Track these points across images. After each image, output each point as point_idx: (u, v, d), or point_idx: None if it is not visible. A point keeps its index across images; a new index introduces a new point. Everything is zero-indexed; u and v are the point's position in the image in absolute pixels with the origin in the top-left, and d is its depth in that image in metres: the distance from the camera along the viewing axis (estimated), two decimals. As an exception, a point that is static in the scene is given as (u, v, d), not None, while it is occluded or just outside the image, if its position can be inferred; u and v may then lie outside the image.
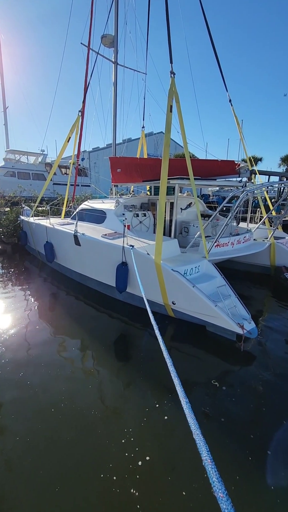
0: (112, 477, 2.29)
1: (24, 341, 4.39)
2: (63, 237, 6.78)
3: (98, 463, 2.42)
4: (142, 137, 10.26)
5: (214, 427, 2.83)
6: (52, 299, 6.31)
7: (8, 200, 13.98)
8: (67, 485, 2.24)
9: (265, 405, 3.17)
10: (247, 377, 3.68)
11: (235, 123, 8.04)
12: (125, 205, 7.09)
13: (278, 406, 3.15)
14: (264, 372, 3.72)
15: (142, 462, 2.42)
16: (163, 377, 3.46)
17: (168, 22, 5.17)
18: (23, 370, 3.67)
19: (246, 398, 3.26)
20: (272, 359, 4.07)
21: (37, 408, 3.04)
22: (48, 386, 3.37)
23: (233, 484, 2.28)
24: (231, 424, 2.89)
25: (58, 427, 2.79)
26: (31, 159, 23.06)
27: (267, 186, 5.77)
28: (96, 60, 8.27)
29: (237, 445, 2.64)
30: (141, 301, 5.25)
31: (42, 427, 2.79)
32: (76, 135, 8.47)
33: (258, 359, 4.03)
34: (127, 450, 2.52)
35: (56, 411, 2.98)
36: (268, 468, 2.44)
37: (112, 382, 3.55)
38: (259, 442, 2.68)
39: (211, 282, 4.84)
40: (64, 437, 2.68)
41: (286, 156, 26.67)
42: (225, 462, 2.45)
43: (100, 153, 29.40)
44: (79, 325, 5.04)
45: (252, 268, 7.72)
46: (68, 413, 2.96)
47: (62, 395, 3.20)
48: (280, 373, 3.72)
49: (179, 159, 6.74)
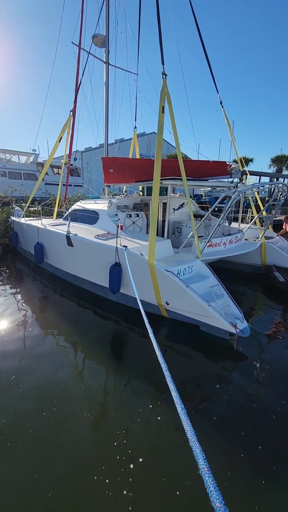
0: (105, 479, 2.28)
1: (16, 343, 4.33)
2: (55, 238, 6.71)
3: (91, 466, 2.41)
4: (134, 138, 10.26)
5: (206, 425, 2.86)
6: (44, 300, 6.24)
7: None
8: (60, 489, 2.22)
9: (256, 402, 3.22)
10: (239, 375, 3.73)
11: (225, 126, 8.12)
12: (118, 205, 7.08)
13: (269, 402, 3.21)
14: (255, 370, 3.79)
15: (135, 464, 2.42)
16: (157, 377, 3.47)
17: (159, 23, 5.19)
18: (15, 372, 3.62)
19: (238, 396, 3.31)
20: (263, 357, 4.13)
21: (28, 412, 3.00)
22: (39, 389, 3.33)
23: (225, 480, 2.31)
24: (223, 421, 2.93)
25: (49, 431, 2.76)
26: (23, 159, 22.76)
27: (258, 186, 5.86)
28: (87, 60, 8.24)
29: (228, 442, 2.69)
30: (134, 302, 5.25)
31: (34, 431, 2.76)
32: (67, 135, 8.41)
33: (250, 357, 4.08)
34: (120, 452, 2.52)
35: (47, 414, 2.95)
36: (259, 463, 2.49)
37: (106, 384, 3.54)
38: (250, 438, 2.72)
39: (204, 282, 4.89)
40: (56, 440, 2.66)
41: (276, 157, 27.16)
42: (217, 459, 2.48)
43: (93, 153, 29.24)
44: (71, 326, 5.00)
45: (244, 267, 7.82)
46: (60, 416, 2.94)
47: (54, 398, 3.18)
48: (271, 371, 3.79)
49: (171, 160, 6.77)
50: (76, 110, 8.30)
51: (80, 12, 8.03)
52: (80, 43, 8.10)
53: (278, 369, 3.82)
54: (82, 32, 8.02)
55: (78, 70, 8.12)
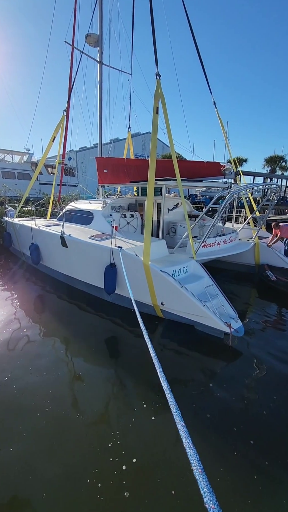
0: (99, 482, 2.27)
1: (10, 343, 4.29)
2: (50, 238, 6.66)
3: (85, 468, 2.39)
4: (128, 138, 10.24)
5: (199, 423, 2.89)
6: (38, 301, 6.20)
7: (-8, 200, 13.60)
8: (53, 493, 2.21)
9: (248, 399, 3.27)
10: (233, 373, 3.79)
11: (219, 127, 8.17)
12: (113, 206, 7.06)
13: (261, 399, 3.27)
14: (248, 368, 3.85)
15: (129, 464, 2.42)
16: (151, 377, 3.48)
17: (153, 24, 5.19)
18: (8, 373, 3.59)
19: (231, 393, 3.35)
20: (256, 355, 4.19)
21: (21, 413, 2.98)
22: (33, 390, 3.31)
23: (218, 476, 2.34)
24: (216, 418, 2.96)
25: (43, 432, 2.75)
26: (16, 158, 22.53)
27: (251, 187, 5.92)
28: (81, 59, 8.18)
29: (221, 439, 2.72)
30: (129, 303, 5.25)
31: (26, 432, 2.74)
32: (61, 135, 8.34)
33: (244, 355, 4.14)
34: (114, 453, 2.51)
35: (41, 416, 2.93)
36: (251, 457, 2.53)
37: (100, 384, 3.53)
38: (242, 434, 2.78)
39: (199, 282, 4.92)
40: (49, 442, 2.64)
41: (270, 158, 27.47)
42: (209, 456, 2.51)
43: (88, 153, 29.09)
44: (66, 326, 4.98)
45: (238, 267, 7.89)
46: (54, 417, 2.92)
47: (48, 399, 3.16)
48: (264, 368, 3.86)
49: (166, 160, 6.79)
50: (69, 109, 8.24)
51: (73, 11, 7.98)
52: (73, 42, 8.04)
53: (271, 366, 3.89)
54: (75, 31, 7.97)
55: (72, 69, 8.06)
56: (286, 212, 20.77)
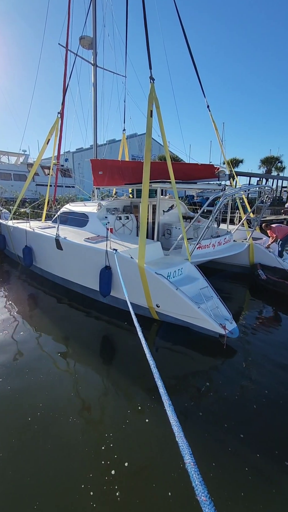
0: (92, 487, 2.27)
1: (4, 344, 4.29)
2: (44, 241, 6.66)
3: (78, 472, 2.39)
4: (123, 140, 10.26)
5: (192, 420, 2.94)
6: (33, 302, 6.19)
7: (-13, 202, 13.56)
8: (45, 499, 2.19)
9: (240, 395, 3.33)
10: (226, 370, 3.86)
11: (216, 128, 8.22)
12: (108, 208, 7.07)
13: (252, 395, 3.35)
14: (242, 366, 3.92)
15: (122, 468, 2.42)
16: (146, 378, 3.51)
17: (146, 27, 5.22)
18: (2, 374, 3.59)
19: (223, 390, 3.41)
20: (249, 353, 4.25)
21: (15, 414, 2.99)
22: (27, 391, 3.32)
23: (210, 471, 2.39)
24: (209, 415, 3.02)
25: (35, 434, 2.74)
26: (13, 160, 22.46)
27: (245, 189, 5.97)
28: (75, 61, 8.19)
29: (213, 434, 2.78)
30: (125, 304, 5.24)
31: (17, 437, 2.73)
32: (55, 137, 8.34)
33: (238, 353, 4.21)
34: (107, 457, 2.52)
35: (33, 418, 2.93)
36: (242, 452, 2.60)
37: (95, 386, 3.54)
38: (233, 429, 2.85)
39: (193, 284, 4.94)
40: (42, 446, 2.64)
41: (265, 158, 27.65)
42: (201, 452, 2.57)
43: (84, 154, 29.06)
44: (61, 327, 4.98)
45: (233, 268, 7.95)
46: (47, 419, 2.92)
47: (41, 402, 3.16)
48: (256, 365, 3.95)
49: (160, 163, 6.82)
50: (64, 112, 8.24)
51: (67, 13, 7.98)
52: (67, 44, 8.05)
53: (263, 364, 3.97)
54: (69, 34, 7.98)
55: (66, 71, 8.07)
56: (282, 212, 20.93)
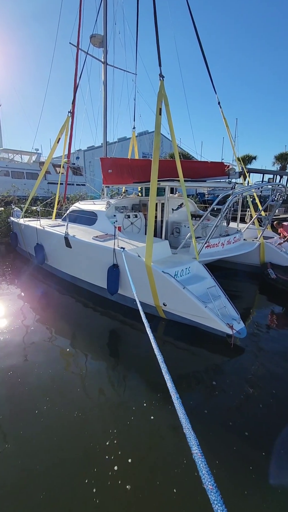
0: (95, 482, 2.30)
1: (15, 339, 4.42)
2: (54, 239, 6.78)
3: (83, 467, 2.44)
4: (133, 138, 10.24)
5: (197, 418, 2.94)
6: (43, 298, 6.34)
7: (1, 200, 13.92)
8: (50, 491, 2.24)
9: (247, 395, 3.31)
10: (233, 369, 3.84)
11: (228, 124, 8.08)
12: (116, 206, 7.11)
13: (260, 395, 3.32)
14: (249, 365, 3.90)
15: (127, 464, 2.46)
16: (153, 375, 3.55)
17: (156, 25, 5.17)
18: (13, 367, 3.71)
19: (229, 388, 3.41)
20: (257, 352, 4.21)
21: (22, 408, 3.07)
22: (36, 384, 3.41)
23: (213, 468, 2.40)
24: (214, 413, 3.03)
25: (41, 429, 2.81)
26: (25, 158, 22.89)
27: (256, 187, 5.84)
28: (85, 60, 8.23)
29: (218, 432, 2.79)
30: (132, 302, 5.30)
31: (25, 428, 2.81)
32: (66, 136, 8.44)
33: (246, 352, 4.18)
34: (111, 452, 2.55)
35: (40, 412, 3.01)
36: (246, 450, 2.60)
37: (102, 382, 3.60)
38: (238, 427, 2.85)
39: (201, 283, 4.91)
40: (48, 439, 2.71)
41: (280, 155, 26.80)
42: (206, 449, 2.56)
43: (95, 152, 29.25)
44: (69, 323, 5.08)
45: (243, 267, 7.82)
46: (52, 414, 2.99)
47: (47, 396, 3.24)
48: (264, 364, 3.91)
49: (170, 161, 6.77)
50: (74, 110, 8.31)
51: (78, 12, 8.02)
52: (78, 43, 8.11)
53: (270, 364, 3.94)
54: (80, 32, 8.02)
55: (76, 70, 8.12)
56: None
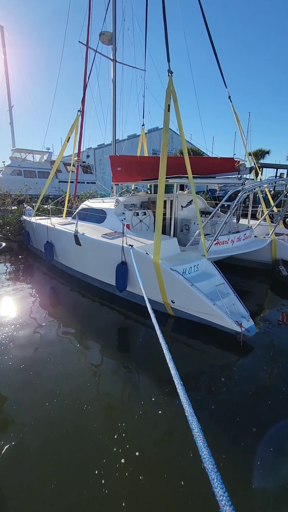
0: (106, 472, 2.36)
1: (27, 334, 4.56)
2: (64, 237, 6.90)
3: (92, 458, 2.50)
4: (142, 135, 10.21)
5: (204, 412, 2.97)
6: (54, 294, 6.50)
7: (14, 199, 14.27)
8: (62, 481, 2.31)
9: (256, 392, 3.30)
10: (243, 367, 3.82)
11: (239, 119, 7.92)
12: (125, 204, 7.14)
13: (267, 390, 3.32)
14: (259, 363, 3.86)
15: (134, 457, 2.50)
16: (162, 371, 3.56)
17: (165, 20, 5.12)
18: (26, 360, 3.84)
19: (237, 385, 3.40)
20: (267, 351, 4.16)
21: (33, 400, 3.17)
22: (45, 378, 3.51)
23: (219, 462, 2.43)
24: (221, 410, 3.04)
25: (51, 421, 2.90)
26: (37, 158, 23.30)
27: (266, 183, 5.71)
28: (94, 58, 8.26)
29: (223, 427, 2.82)
30: (141, 299, 5.34)
31: (36, 420, 2.90)
32: (75, 135, 8.52)
33: (255, 350, 4.15)
34: (119, 445, 2.60)
35: (50, 404, 3.10)
36: (252, 444, 2.61)
37: (110, 376, 3.67)
38: (245, 423, 2.86)
39: (209, 280, 4.88)
40: (59, 431, 2.78)
41: (294, 148, 25.92)
42: (211, 443, 2.58)
43: (105, 150, 29.33)
44: (79, 320, 5.18)
45: (254, 264, 7.69)
46: (63, 406, 3.07)
47: (57, 389, 3.33)
48: (274, 363, 3.87)
49: (179, 157, 6.73)
50: (84, 109, 8.38)
51: (87, 10, 8.05)
52: (88, 42, 8.13)
53: (281, 361, 3.91)
54: (89, 31, 8.04)
55: (86, 69, 8.17)
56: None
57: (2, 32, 23.68)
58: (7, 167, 20.57)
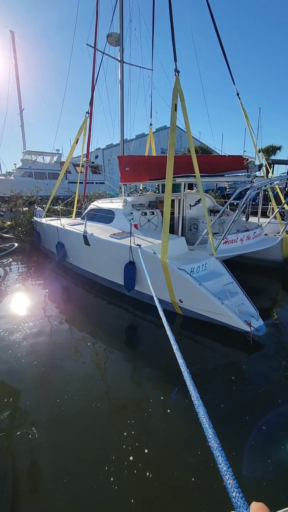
0: (116, 469, 2.39)
1: (39, 332, 4.68)
2: (74, 237, 7.02)
3: (101, 455, 2.54)
4: (150, 135, 10.21)
5: (213, 410, 2.98)
6: (65, 293, 6.64)
7: (26, 200, 14.59)
8: (74, 477, 2.35)
9: (266, 391, 3.27)
10: (253, 366, 3.80)
11: (249, 115, 7.82)
12: (133, 204, 7.18)
13: (278, 391, 3.28)
14: (269, 362, 3.83)
15: (143, 454, 2.53)
16: (171, 370, 3.60)
17: (171, 19, 5.11)
18: (38, 357, 3.96)
19: (248, 384, 3.39)
20: (278, 350, 4.11)
21: (45, 397, 3.25)
22: (57, 375, 3.60)
23: (231, 459, 2.43)
24: (230, 407, 3.05)
25: (63, 416, 2.96)
26: (47, 159, 23.68)
27: (275, 181, 5.62)
28: (102, 60, 8.32)
29: (232, 425, 2.82)
30: (149, 299, 5.37)
31: (48, 416, 2.98)
32: (84, 137, 8.63)
33: (265, 349, 4.11)
34: (129, 443, 2.64)
35: (61, 401, 3.17)
36: (261, 442, 2.61)
37: (119, 374, 3.72)
38: (254, 421, 2.86)
39: (218, 279, 4.86)
40: (69, 427, 2.85)
41: (306, 143, 25.22)
42: (221, 441, 2.59)
43: (114, 150, 29.47)
44: (89, 318, 5.28)
45: (265, 263, 7.57)
46: (73, 403, 3.14)
47: (68, 386, 3.40)
48: (285, 362, 3.81)
49: (186, 156, 6.70)
50: (92, 110, 8.47)
51: (95, 12, 8.12)
52: (95, 44, 8.21)
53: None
54: (96, 33, 8.11)
55: (94, 71, 8.25)
56: None
57: (13, 37, 24.16)
58: (19, 169, 21.01)
